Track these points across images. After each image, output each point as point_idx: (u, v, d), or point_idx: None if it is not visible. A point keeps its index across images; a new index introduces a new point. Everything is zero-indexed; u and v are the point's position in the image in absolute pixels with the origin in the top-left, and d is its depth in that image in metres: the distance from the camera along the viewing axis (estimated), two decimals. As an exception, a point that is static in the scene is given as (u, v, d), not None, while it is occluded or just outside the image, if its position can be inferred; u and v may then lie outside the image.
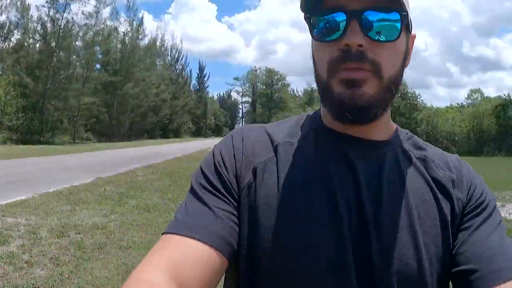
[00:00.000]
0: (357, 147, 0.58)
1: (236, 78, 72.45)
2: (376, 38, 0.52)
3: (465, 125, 32.16)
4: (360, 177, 0.55)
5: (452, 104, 42.17)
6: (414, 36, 0.60)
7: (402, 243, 0.52)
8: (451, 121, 32.42)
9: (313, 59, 0.58)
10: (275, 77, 67.49)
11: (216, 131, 72.49)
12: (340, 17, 0.52)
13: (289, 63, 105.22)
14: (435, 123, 31.78)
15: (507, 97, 32.06)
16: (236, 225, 0.54)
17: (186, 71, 65.33)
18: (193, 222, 0.52)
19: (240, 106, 77.87)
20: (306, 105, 46.98)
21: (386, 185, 0.55)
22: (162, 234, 0.52)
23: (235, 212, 0.55)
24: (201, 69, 73.58)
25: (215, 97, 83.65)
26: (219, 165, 0.58)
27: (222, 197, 0.55)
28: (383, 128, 0.60)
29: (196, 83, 72.11)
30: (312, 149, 0.58)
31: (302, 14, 0.56)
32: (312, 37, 0.56)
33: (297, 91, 76.51)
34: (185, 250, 0.49)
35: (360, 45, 0.51)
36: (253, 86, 70.98)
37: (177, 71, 61.36)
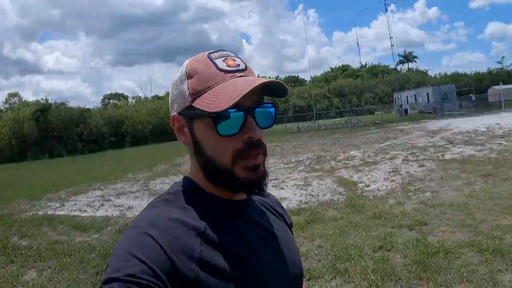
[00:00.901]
0: (244, 207, 0.73)
1: None
2: (263, 127, 0.67)
3: (6, 131, 30.71)
4: (259, 228, 0.73)
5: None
6: None
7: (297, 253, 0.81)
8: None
9: (204, 148, 0.66)
10: None
11: None
12: (239, 114, 0.62)
13: None
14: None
15: (45, 101, 33.88)
16: None
17: None
18: None
19: None
20: None
21: (265, 225, 0.75)
22: None
23: None
24: None
25: None
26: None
27: None
28: None
29: None
30: (220, 219, 0.67)
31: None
32: (217, 133, 0.63)
33: None
34: None
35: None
36: None
37: None
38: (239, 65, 0.66)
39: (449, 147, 10.83)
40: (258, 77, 0.68)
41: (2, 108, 41.38)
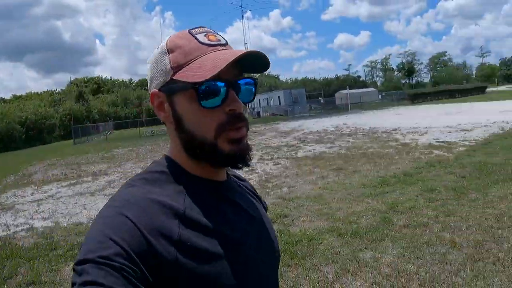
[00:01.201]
0: (226, 188, 0.72)
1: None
2: (245, 101, 0.67)
3: None
4: (240, 209, 0.72)
5: None
6: None
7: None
8: None
9: (185, 123, 0.65)
10: None
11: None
12: (221, 86, 0.62)
13: None
14: None
15: None
16: None
17: None
18: None
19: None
20: None
21: (246, 207, 0.74)
22: None
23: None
24: None
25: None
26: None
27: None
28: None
29: None
30: (202, 200, 0.66)
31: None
32: (200, 105, 0.62)
33: None
34: None
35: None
36: None
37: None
38: (220, 40, 0.66)
39: (302, 145, 11.86)
40: None
41: None
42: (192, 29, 0.67)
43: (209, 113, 0.63)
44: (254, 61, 0.65)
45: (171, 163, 0.68)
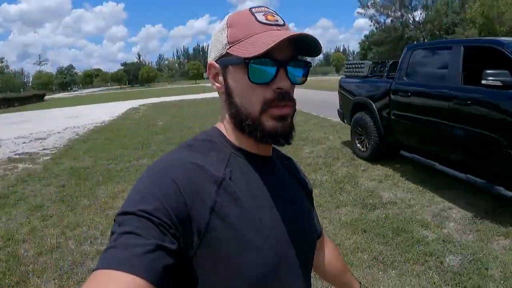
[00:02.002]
0: (269, 164, 0.75)
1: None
2: (294, 82, 0.68)
3: None
4: (280, 188, 0.73)
5: None
6: None
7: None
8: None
9: (235, 96, 0.68)
10: None
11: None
12: (271, 64, 0.64)
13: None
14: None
15: None
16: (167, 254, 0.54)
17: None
18: (123, 255, 0.51)
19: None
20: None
21: (286, 186, 0.76)
22: (92, 271, 0.51)
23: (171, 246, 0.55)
24: None
25: None
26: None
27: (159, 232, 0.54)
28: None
29: None
30: (243, 172, 0.68)
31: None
32: (249, 80, 0.64)
33: None
34: (117, 285, 0.48)
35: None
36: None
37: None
38: (277, 20, 0.68)
39: None
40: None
41: None
42: (253, 7, 0.69)
43: (257, 89, 0.65)
44: (309, 45, 0.67)
45: (218, 133, 0.72)
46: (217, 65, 0.69)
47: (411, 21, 28.43)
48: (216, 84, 0.70)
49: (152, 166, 0.63)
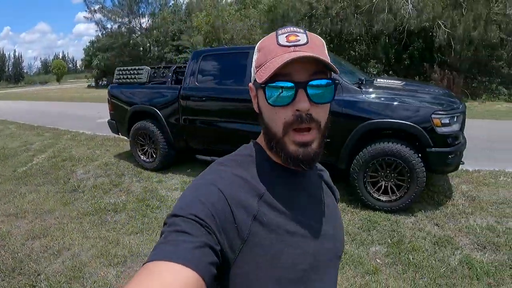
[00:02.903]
0: (303, 178, 0.76)
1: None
2: (317, 102, 0.67)
3: None
4: (313, 201, 0.78)
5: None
6: None
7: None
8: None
9: (264, 116, 0.71)
10: None
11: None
12: (290, 86, 0.65)
13: None
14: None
15: None
16: (214, 253, 0.59)
17: None
18: (174, 249, 0.55)
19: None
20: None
21: (319, 200, 0.80)
22: (143, 264, 0.54)
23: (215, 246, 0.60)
24: None
25: None
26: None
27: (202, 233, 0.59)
28: None
29: None
30: (281, 186, 0.72)
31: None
32: (267, 103, 0.67)
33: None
34: (171, 276, 0.52)
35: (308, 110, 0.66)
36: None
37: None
38: (299, 40, 0.67)
39: None
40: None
41: None
42: (280, 29, 0.70)
43: (279, 111, 0.67)
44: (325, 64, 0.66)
45: (258, 149, 0.76)
46: (253, 87, 0.74)
47: (138, 28, 29.10)
48: (254, 104, 0.75)
49: (199, 178, 0.69)
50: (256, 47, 0.72)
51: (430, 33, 12.06)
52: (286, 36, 0.68)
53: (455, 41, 11.29)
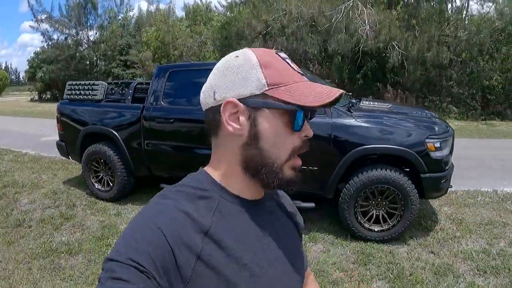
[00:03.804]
0: (259, 208, 0.72)
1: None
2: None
3: None
4: (268, 232, 0.71)
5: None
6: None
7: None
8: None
9: (262, 141, 0.65)
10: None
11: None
12: (301, 113, 0.64)
13: None
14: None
15: None
16: None
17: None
18: None
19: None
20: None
21: (275, 230, 0.74)
22: None
23: None
24: None
25: None
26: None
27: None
28: None
29: None
30: (230, 220, 0.67)
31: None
32: (291, 127, 0.65)
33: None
34: None
35: None
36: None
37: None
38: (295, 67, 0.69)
39: None
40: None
41: None
42: (278, 52, 0.68)
43: (291, 137, 0.66)
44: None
45: (208, 179, 0.70)
46: (241, 104, 0.65)
47: (85, 40, 27.47)
48: (233, 124, 0.66)
49: (141, 213, 0.64)
50: (252, 59, 0.65)
51: (384, 54, 12.51)
52: (292, 62, 0.69)
53: (408, 61, 11.79)
